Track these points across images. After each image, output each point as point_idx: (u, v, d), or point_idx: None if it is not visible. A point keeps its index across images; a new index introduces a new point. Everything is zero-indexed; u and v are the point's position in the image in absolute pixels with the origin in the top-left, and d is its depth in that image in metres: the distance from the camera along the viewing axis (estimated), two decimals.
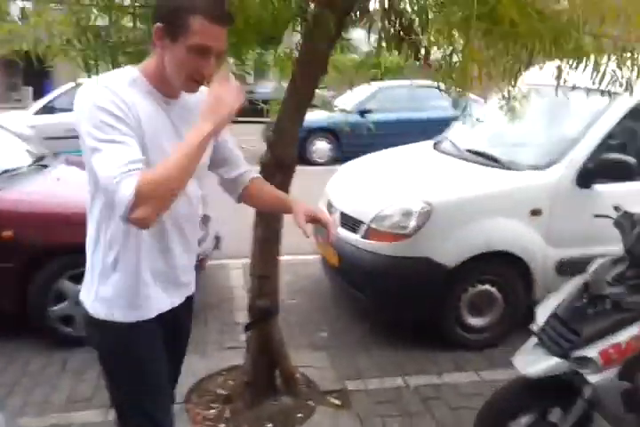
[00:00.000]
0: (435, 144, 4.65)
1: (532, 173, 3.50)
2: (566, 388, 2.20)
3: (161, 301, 1.61)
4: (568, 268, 3.54)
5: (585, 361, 2.09)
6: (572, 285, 2.32)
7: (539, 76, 2.76)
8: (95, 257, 1.55)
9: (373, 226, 3.52)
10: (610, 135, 3.45)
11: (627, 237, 2.27)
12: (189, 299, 1.76)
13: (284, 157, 2.52)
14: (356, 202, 3.88)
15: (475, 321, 3.50)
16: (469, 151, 4.07)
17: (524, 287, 3.51)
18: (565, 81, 2.51)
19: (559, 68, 2.42)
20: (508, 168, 3.61)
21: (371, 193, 3.86)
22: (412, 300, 3.44)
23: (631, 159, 3.29)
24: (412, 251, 3.36)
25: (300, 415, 2.87)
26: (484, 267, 3.44)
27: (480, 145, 4.07)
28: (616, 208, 2.52)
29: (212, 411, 2.88)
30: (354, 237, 3.62)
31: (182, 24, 1.36)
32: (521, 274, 3.49)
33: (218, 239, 4.29)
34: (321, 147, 10.44)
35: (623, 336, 2.08)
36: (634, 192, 3.37)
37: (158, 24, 1.39)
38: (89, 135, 1.33)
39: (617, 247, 3.60)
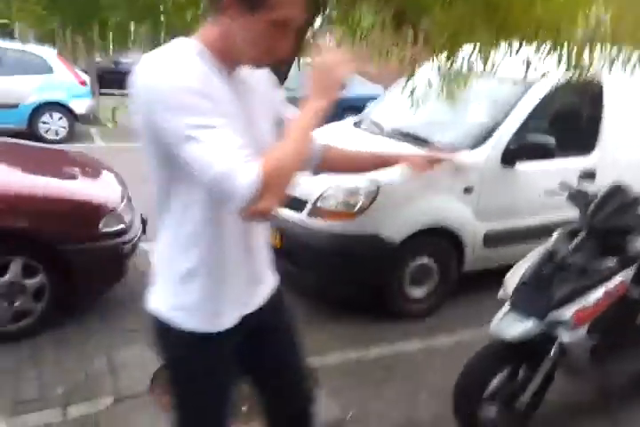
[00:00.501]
0: (355, 124, 4.76)
1: (464, 153, 3.75)
2: (534, 350, 2.46)
3: (245, 304, 1.48)
4: (493, 240, 3.91)
5: (558, 322, 2.36)
6: (536, 255, 2.56)
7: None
8: (171, 262, 1.39)
9: (320, 205, 3.57)
10: (530, 118, 3.81)
11: (584, 211, 2.54)
12: (274, 293, 1.60)
13: None
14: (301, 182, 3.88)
15: (416, 292, 3.73)
16: (397, 132, 4.23)
17: (457, 259, 3.80)
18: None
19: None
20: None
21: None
22: (359, 275, 3.56)
23: (550, 140, 3.67)
24: (360, 228, 3.47)
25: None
26: (424, 241, 3.66)
27: (407, 126, 4.25)
28: (562, 184, 2.82)
29: None
30: (298, 217, 3.64)
31: None
32: (454, 247, 3.77)
33: (144, 222, 4.07)
34: None
35: (591, 298, 2.38)
36: (552, 170, 3.78)
37: None
38: (174, 123, 1.15)
39: (534, 219, 4.04)
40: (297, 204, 3.68)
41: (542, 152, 3.70)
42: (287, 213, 3.66)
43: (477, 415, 2.52)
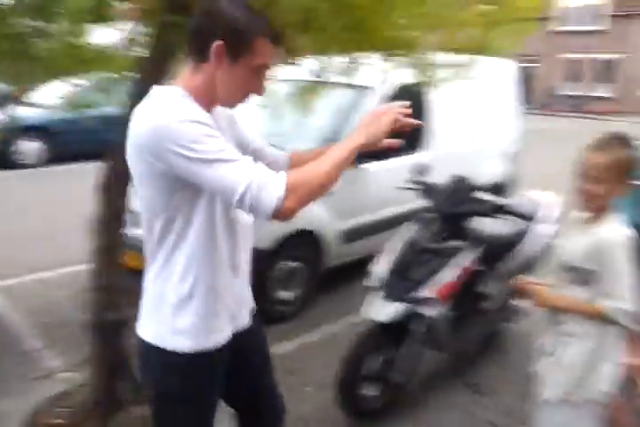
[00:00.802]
0: None
1: None
2: (404, 329, 2.73)
3: (236, 322, 1.60)
4: (352, 236, 4.20)
5: (423, 300, 2.64)
6: (395, 244, 2.84)
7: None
8: (165, 287, 1.48)
9: None
10: None
11: (433, 201, 2.87)
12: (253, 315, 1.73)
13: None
14: None
15: (285, 295, 3.88)
16: None
17: (320, 258, 4.02)
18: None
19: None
20: None
21: None
22: None
23: (397, 140, 4.04)
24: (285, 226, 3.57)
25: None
26: (290, 245, 3.82)
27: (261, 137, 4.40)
28: (410, 179, 3.14)
29: None
30: None
31: (247, 45, 1.37)
32: (315, 247, 3.99)
33: None
34: (31, 147, 9.39)
35: (448, 276, 2.70)
36: (396, 166, 4.16)
37: (218, 42, 1.36)
38: (192, 153, 1.27)
39: (386, 212, 4.40)
40: None
41: (388, 151, 4.05)
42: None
43: (359, 394, 2.74)
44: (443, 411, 2.95)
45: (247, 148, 1.65)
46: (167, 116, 1.31)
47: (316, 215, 3.90)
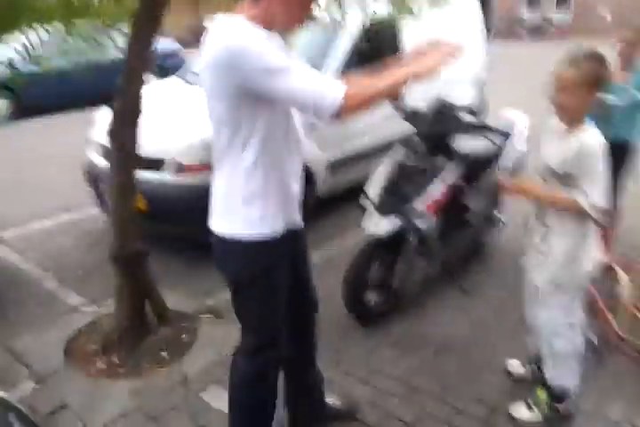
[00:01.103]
0: (178, 77, 4.91)
1: None
2: (399, 242, 3.03)
3: (293, 220, 1.91)
4: (335, 166, 4.43)
5: (414, 214, 2.92)
6: (385, 166, 3.08)
7: None
8: (235, 187, 1.76)
9: (181, 161, 3.73)
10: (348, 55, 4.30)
11: (416, 124, 3.10)
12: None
13: (134, 104, 2.63)
14: (147, 142, 3.96)
15: None
16: None
17: (311, 190, 4.25)
18: None
19: None
20: None
21: (161, 131, 3.93)
22: None
23: None
24: None
25: (185, 336, 3.12)
26: None
27: None
28: (395, 106, 3.33)
29: (100, 363, 2.92)
30: (159, 176, 3.76)
31: None
32: (307, 179, 4.20)
33: None
34: None
35: (435, 191, 2.97)
36: None
37: None
38: (263, 64, 1.53)
39: (366, 143, 4.62)
40: (154, 163, 3.77)
41: None
42: (147, 175, 3.69)
43: (363, 300, 3.07)
44: (439, 310, 3.32)
45: None
46: (240, 37, 1.55)
47: (306, 148, 4.09)
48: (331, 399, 2.46)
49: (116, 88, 2.63)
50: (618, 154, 2.98)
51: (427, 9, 3.22)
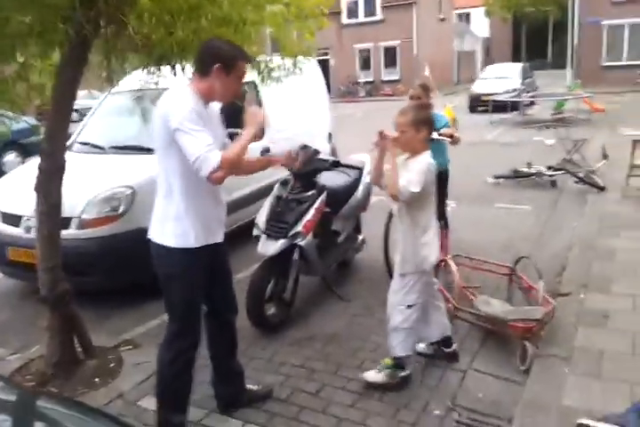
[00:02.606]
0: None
1: None
2: (287, 261, 3.81)
3: (214, 235, 2.59)
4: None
5: (296, 235, 3.73)
6: (269, 201, 3.89)
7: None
8: (168, 209, 2.48)
9: (85, 216, 4.23)
10: None
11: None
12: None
13: (59, 162, 3.19)
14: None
15: None
16: (113, 147, 5.14)
17: None
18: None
19: None
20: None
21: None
22: (136, 265, 4.26)
23: None
24: (127, 226, 4.26)
25: (112, 365, 3.57)
26: None
27: (123, 140, 5.13)
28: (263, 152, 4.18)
29: None
30: (66, 233, 4.20)
31: (235, 65, 2.43)
32: None
33: None
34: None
35: (309, 215, 3.81)
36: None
37: (218, 64, 2.37)
38: (179, 125, 2.26)
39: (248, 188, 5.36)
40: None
41: None
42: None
43: (263, 312, 3.77)
44: (324, 314, 4.11)
45: (222, 138, 2.59)
46: (178, 101, 2.35)
47: None
48: (249, 386, 3.10)
49: (41, 149, 3.18)
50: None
51: (284, 77, 4.04)
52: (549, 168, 7.87)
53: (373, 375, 3.16)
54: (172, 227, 2.49)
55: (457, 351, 3.37)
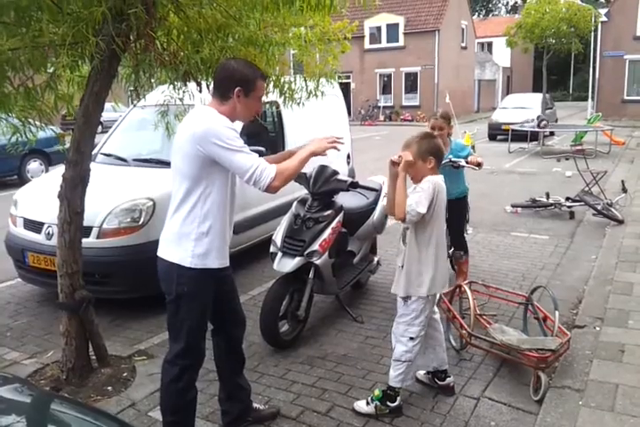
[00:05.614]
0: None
1: None
2: (303, 279, 3.83)
3: (225, 258, 2.61)
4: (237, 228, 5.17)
5: (312, 253, 3.76)
6: (287, 219, 3.93)
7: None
8: (189, 228, 2.46)
9: (105, 226, 4.30)
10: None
11: (307, 185, 3.99)
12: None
13: (84, 171, 3.26)
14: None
15: None
16: (136, 160, 5.23)
17: None
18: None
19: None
20: None
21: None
22: (153, 276, 4.37)
23: (261, 148, 5.08)
24: (147, 237, 4.32)
25: (125, 375, 3.60)
26: None
27: (146, 154, 5.23)
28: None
29: None
30: (86, 241, 4.28)
31: (254, 86, 2.47)
32: None
33: None
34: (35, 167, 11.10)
35: (325, 235, 3.84)
36: None
37: (238, 88, 2.42)
38: (226, 144, 2.33)
39: (263, 207, 5.41)
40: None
41: None
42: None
43: (277, 329, 3.78)
44: (340, 337, 4.10)
45: None
46: (215, 122, 2.36)
47: None
48: (256, 405, 3.08)
49: (67, 159, 3.26)
50: (455, 206, 4.09)
51: (305, 99, 4.13)
52: (568, 199, 7.86)
53: (364, 407, 3.12)
54: (192, 246, 2.47)
55: (452, 385, 3.30)
